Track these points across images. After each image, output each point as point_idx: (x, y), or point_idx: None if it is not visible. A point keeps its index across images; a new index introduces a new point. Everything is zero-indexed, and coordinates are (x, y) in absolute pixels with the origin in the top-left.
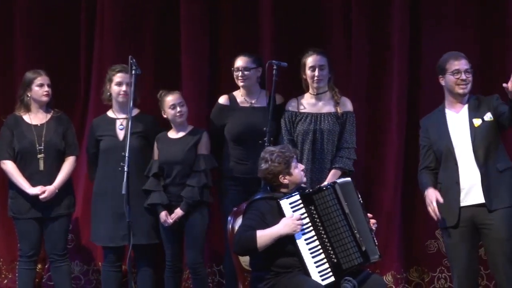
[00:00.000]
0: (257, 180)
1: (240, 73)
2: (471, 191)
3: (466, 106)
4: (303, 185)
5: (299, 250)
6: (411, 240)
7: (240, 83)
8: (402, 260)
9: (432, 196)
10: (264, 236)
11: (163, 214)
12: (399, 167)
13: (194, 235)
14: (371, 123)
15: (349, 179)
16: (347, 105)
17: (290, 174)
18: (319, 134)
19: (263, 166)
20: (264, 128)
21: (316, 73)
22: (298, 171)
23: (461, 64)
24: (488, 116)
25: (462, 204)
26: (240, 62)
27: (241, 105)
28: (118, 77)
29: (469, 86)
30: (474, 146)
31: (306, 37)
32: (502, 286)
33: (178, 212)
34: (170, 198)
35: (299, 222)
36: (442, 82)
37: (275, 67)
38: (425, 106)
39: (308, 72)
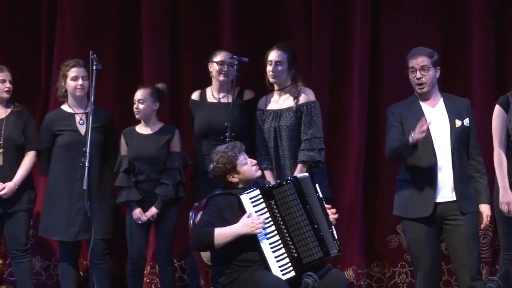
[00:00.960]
0: None
1: (226, 67)
2: (445, 186)
3: (441, 102)
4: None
5: (260, 245)
6: (372, 235)
7: (222, 77)
8: (363, 255)
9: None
10: (221, 234)
11: (137, 211)
12: (361, 161)
13: (166, 229)
14: (332, 116)
15: (306, 174)
16: (307, 96)
17: (237, 172)
18: (278, 131)
19: (210, 167)
20: (226, 124)
21: (271, 68)
22: (247, 167)
23: (416, 62)
24: (467, 122)
25: (436, 200)
26: (225, 56)
27: (209, 100)
28: (73, 72)
29: (426, 85)
30: (452, 146)
31: (268, 32)
32: (464, 281)
33: (153, 210)
34: (142, 194)
35: (258, 221)
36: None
37: (236, 62)
38: (386, 99)
39: (267, 66)
